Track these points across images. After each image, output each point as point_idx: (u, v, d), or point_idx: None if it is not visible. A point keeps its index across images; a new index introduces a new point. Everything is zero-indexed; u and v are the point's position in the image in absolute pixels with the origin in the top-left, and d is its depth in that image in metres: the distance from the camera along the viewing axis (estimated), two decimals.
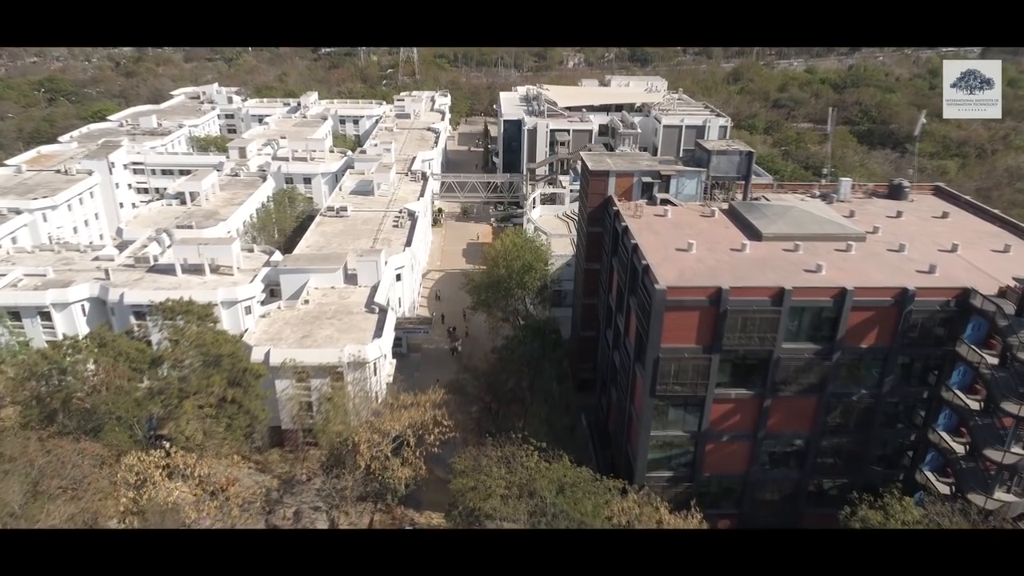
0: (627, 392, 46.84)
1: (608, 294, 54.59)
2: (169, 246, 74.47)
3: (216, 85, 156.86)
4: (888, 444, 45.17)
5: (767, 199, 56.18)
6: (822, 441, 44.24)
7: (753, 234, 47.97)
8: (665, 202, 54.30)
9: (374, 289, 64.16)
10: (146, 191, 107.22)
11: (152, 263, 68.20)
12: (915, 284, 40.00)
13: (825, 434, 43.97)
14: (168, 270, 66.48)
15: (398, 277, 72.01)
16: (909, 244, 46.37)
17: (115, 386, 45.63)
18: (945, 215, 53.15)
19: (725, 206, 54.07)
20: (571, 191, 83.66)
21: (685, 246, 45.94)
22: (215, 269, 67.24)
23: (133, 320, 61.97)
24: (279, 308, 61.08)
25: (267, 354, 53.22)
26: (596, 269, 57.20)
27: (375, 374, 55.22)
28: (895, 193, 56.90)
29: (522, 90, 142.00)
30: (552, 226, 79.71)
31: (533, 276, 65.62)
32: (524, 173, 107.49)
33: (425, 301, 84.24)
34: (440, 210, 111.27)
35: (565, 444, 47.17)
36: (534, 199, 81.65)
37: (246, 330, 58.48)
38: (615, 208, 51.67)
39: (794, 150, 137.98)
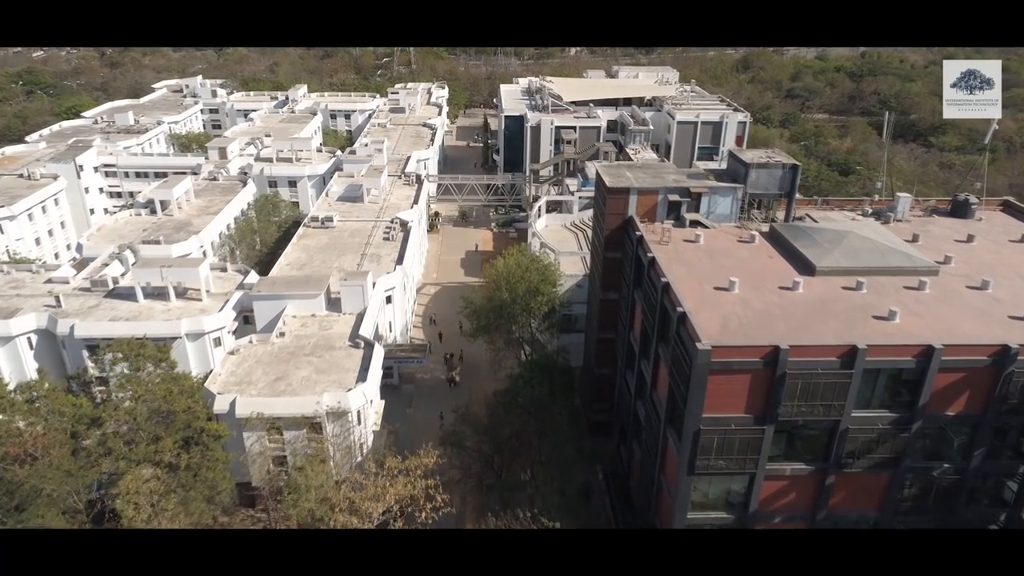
0: (656, 458, 39.33)
1: (629, 331, 46.99)
2: (135, 264, 67.01)
3: (200, 78, 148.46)
4: (971, 525, 37.71)
5: (812, 219, 48.41)
6: (893, 522, 36.75)
7: (805, 267, 40.30)
8: (695, 223, 46.60)
9: (360, 318, 56.52)
10: (119, 195, 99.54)
11: (111, 287, 60.59)
12: (1016, 339, 32.38)
13: (897, 514, 36.50)
14: (129, 295, 58.87)
15: (388, 299, 64.41)
16: (991, 279, 38.70)
17: (45, 455, 38.14)
18: None
19: (765, 228, 46.38)
20: (580, 198, 75.91)
21: (725, 283, 38.30)
22: (182, 293, 59.65)
23: (86, 356, 54.38)
24: (250, 343, 53.46)
25: (232, 403, 45.69)
26: (614, 299, 49.60)
27: (359, 423, 47.76)
28: (960, 210, 49.12)
29: (524, 82, 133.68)
30: (560, 238, 72.02)
31: (540, 301, 57.99)
32: (527, 174, 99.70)
33: (419, 321, 76.62)
34: (437, 214, 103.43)
35: (580, 515, 39.91)
36: (539, 208, 73.84)
37: (211, 371, 50.83)
38: (638, 233, 43.95)
39: (813, 145, 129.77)
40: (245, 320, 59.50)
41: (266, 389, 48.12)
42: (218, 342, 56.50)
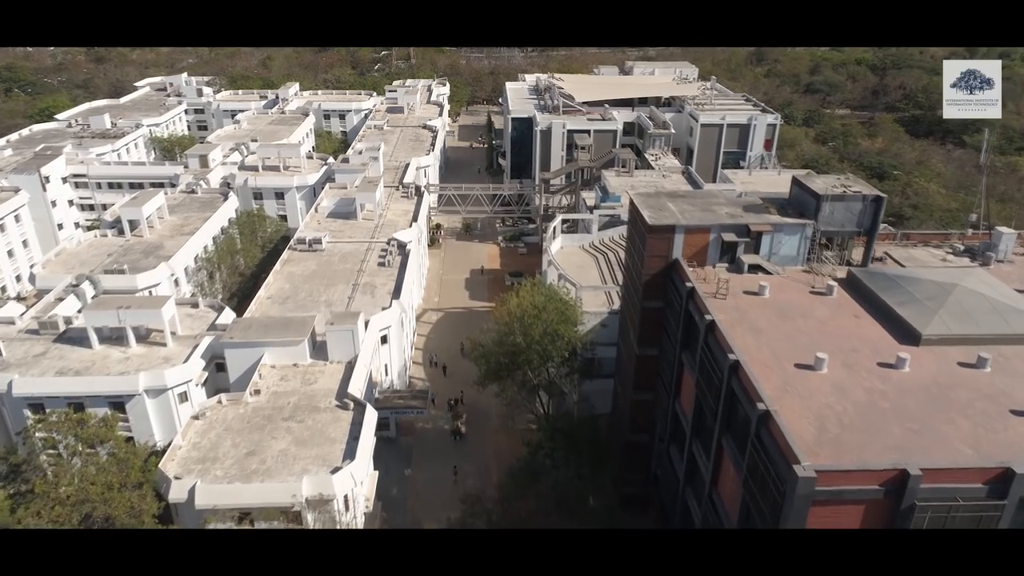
0: None
1: (674, 398, 38.68)
2: (92, 300, 58.72)
3: (185, 75, 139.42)
4: None
5: (895, 261, 40.01)
6: None
7: (905, 334, 31.93)
8: (755, 268, 38.18)
9: (349, 369, 48.28)
10: (92, 207, 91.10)
11: (63, 328, 52.32)
12: None
13: None
14: (82, 339, 50.57)
15: (384, 339, 56.11)
16: None
17: None
18: None
19: (841, 274, 37.98)
20: (600, 216, 67.41)
21: (809, 358, 29.98)
22: (144, 336, 51.41)
23: (29, 416, 46.14)
24: (219, 403, 45.21)
25: (192, 491, 37.46)
26: (653, 356, 41.25)
27: (347, 509, 39.54)
28: None
29: (531, 79, 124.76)
30: (578, 263, 63.49)
31: (559, 345, 49.69)
32: (537, 183, 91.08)
33: (419, 355, 68.22)
34: (438, 226, 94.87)
35: None
36: (554, 229, 65.33)
37: (170, 443, 42.52)
38: (688, 284, 35.49)
39: (842, 146, 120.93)
40: (218, 367, 51.22)
41: (235, 468, 39.85)
42: (184, 397, 48.29)
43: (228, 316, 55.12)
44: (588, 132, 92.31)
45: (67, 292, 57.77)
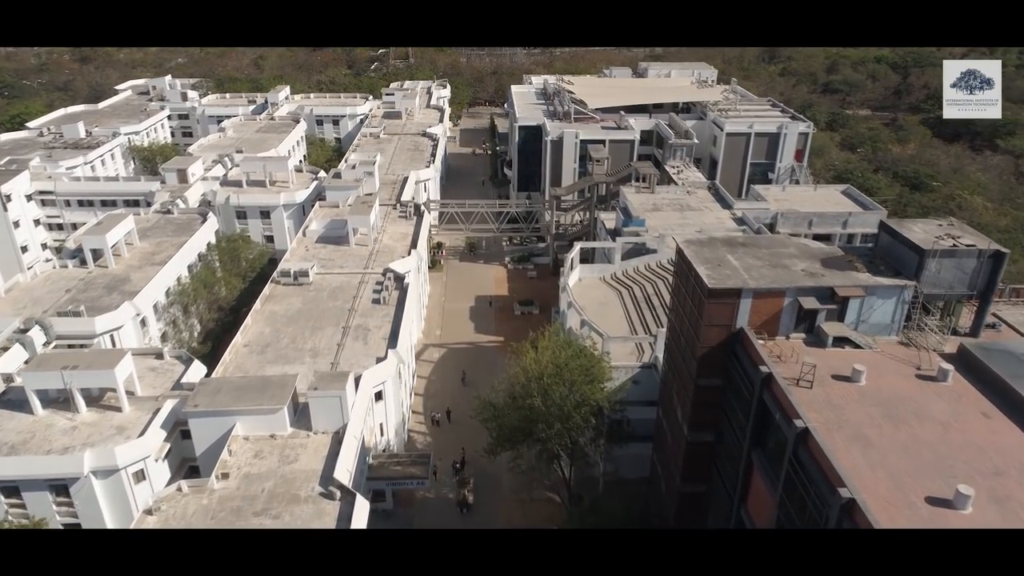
0: None
1: (740, 503, 30.98)
2: (46, 344, 51.20)
3: (169, 78, 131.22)
4: None
5: (1012, 327, 32.27)
6: None
7: None
8: (841, 340, 30.44)
9: (337, 442, 40.59)
10: (60, 227, 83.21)
11: (3, 388, 44.76)
12: None
13: None
14: (24, 402, 42.93)
15: (378, 396, 48.41)
16: None
17: None
18: None
19: (950, 347, 30.26)
20: (625, 243, 59.57)
21: (941, 488, 22.39)
22: (96, 398, 43.83)
23: None
24: (179, 491, 37.44)
25: None
26: (707, 442, 33.54)
27: None
28: None
29: (538, 81, 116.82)
30: (598, 299, 55.83)
31: (584, 411, 42.13)
32: (547, 198, 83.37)
33: (420, 402, 60.37)
34: (440, 245, 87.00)
35: None
36: (572, 260, 57.48)
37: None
38: (764, 370, 27.72)
39: (871, 152, 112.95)
40: (184, 434, 43.54)
41: None
42: (141, 476, 40.68)
43: (197, 371, 47.46)
44: (603, 142, 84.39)
45: (12, 340, 50.01)
